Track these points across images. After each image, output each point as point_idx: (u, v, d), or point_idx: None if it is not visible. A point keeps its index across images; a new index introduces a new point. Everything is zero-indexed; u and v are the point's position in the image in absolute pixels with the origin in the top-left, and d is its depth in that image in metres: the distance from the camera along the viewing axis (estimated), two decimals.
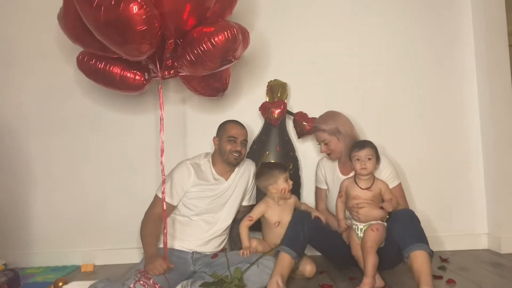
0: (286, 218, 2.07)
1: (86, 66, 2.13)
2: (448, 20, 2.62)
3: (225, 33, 1.85)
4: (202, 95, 2.36)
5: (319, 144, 2.22)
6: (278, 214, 2.11)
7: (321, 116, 2.25)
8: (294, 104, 2.57)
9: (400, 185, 2.13)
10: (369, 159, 1.97)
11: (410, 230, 1.83)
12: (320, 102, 2.48)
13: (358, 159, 1.98)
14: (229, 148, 2.11)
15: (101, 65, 2.09)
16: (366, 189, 1.98)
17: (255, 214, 2.12)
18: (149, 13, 1.71)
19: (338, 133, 2.16)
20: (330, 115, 2.23)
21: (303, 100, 2.56)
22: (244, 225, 2.10)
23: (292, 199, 2.17)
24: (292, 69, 2.60)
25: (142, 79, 2.13)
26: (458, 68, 2.61)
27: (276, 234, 2.07)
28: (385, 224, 1.94)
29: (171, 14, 1.83)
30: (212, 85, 2.28)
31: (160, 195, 2.03)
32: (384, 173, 2.09)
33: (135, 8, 1.67)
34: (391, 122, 2.60)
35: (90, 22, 1.78)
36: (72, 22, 1.96)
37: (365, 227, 1.93)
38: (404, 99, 2.61)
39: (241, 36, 1.92)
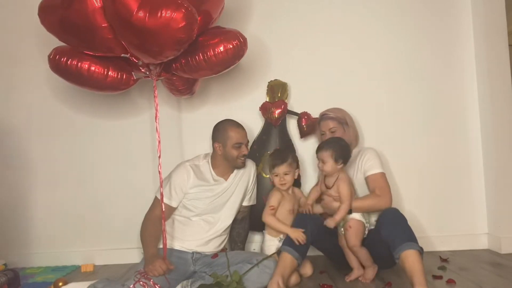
0: (296, 207, 2.15)
1: (61, 66, 1.94)
2: (448, 20, 2.62)
3: (236, 40, 1.93)
4: (180, 95, 2.36)
5: (323, 134, 2.22)
6: (292, 202, 2.14)
7: (328, 109, 2.29)
8: (295, 104, 2.57)
9: (380, 174, 2.08)
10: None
11: (397, 230, 1.82)
12: (320, 102, 2.47)
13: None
14: (236, 154, 2.11)
15: (84, 65, 1.92)
16: (328, 188, 2.04)
17: (274, 202, 2.09)
18: (193, 22, 1.69)
19: (346, 124, 2.22)
20: (338, 108, 2.30)
21: (304, 100, 2.55)
22: (268, 217, 2.06)
23: (296, 191, 2.22)
24: (292, 69, 2.59)
25: (132, 79, 2.07)
26: (458, 68, 2.61)
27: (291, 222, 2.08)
28: (359, 219, 1.98)
29: None
30: (191, 84, 2.30)
31: (159, 197, 2.02)
32: (366, 159, 2.12)
33: (181, 18, 1.63)
34: (391, 122, 2.59)
35: (123, 26, 1.69)
36: (54, 18, 1.84)
37: (342, 224, 2.00)
38: (404, 99, 2.60)
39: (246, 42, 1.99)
